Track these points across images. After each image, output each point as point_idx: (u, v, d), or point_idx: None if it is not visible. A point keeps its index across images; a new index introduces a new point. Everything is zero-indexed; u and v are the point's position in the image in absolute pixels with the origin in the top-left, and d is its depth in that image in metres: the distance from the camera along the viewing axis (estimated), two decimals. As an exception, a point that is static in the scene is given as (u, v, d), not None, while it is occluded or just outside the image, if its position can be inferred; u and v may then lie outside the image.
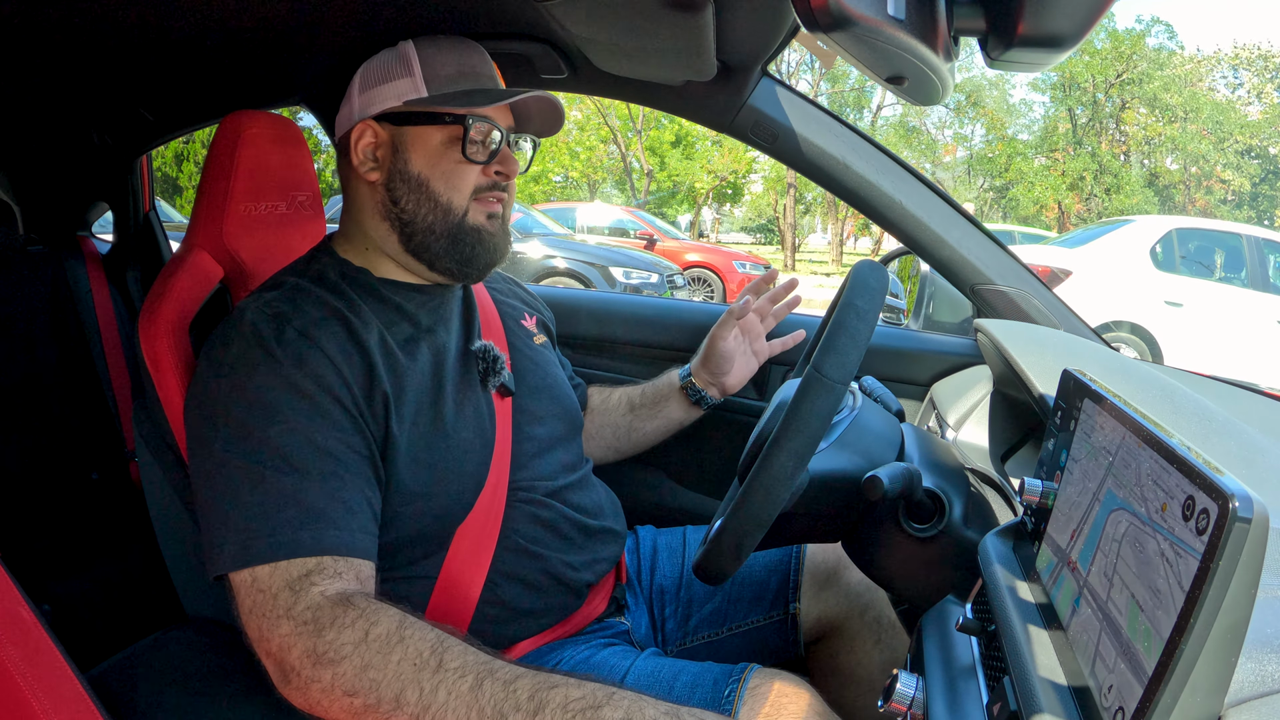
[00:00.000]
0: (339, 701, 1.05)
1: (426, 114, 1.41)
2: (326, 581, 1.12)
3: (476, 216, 1.43)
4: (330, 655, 1.06)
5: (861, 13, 0.72)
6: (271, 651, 1.10)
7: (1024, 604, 0.93)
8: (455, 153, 1.41)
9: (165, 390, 1.41)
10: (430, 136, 1.42)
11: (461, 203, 1.42)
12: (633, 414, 1.89)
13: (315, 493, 1.17)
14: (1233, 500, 0.60)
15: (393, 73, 1.44)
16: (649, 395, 1.89)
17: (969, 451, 1.60)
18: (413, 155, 1.42)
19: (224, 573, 1.14)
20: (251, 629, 1.12)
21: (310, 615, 1.08)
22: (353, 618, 1.08)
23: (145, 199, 3.09)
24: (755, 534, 1.09)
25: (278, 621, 1.09)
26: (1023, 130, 35.14)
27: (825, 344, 1.09)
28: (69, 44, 1.77)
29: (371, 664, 1.05)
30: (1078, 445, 0.94)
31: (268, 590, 1.11)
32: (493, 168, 1.43)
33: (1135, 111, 32.58)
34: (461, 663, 1.05)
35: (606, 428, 1.89)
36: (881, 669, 1.53)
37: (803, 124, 1.91)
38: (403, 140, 1.43)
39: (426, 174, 1.41)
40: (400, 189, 1.43)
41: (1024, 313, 1.92)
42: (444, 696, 1.02)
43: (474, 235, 1.43)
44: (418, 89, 1.42)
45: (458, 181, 1.41)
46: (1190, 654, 0.62)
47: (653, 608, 1.68)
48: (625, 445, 1.91)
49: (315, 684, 1.06)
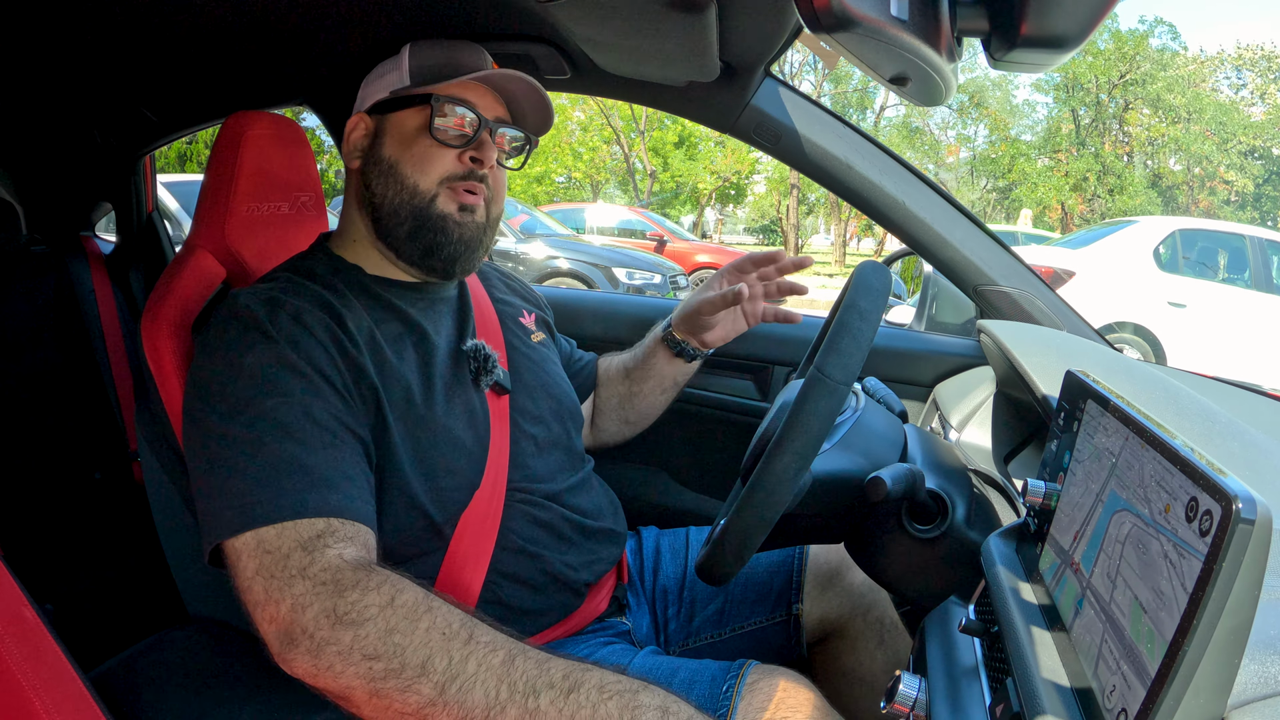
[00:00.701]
0: (355, 666, 1.00)
1: (404, 99, 1.43)
2: (340, 545, 1.10)
3: (446, 205, 1.42)
4: (353, 616, 1.02)
5: (864, 13, 0.72)
6: (280, 614, 1.05)
7: (1027, 605, 0.93)
8: (427, 136, 1.41)
9: (167, 390, 1.41)
10: (406, 121, 1.43)
11: (429, 186, 1.41)
12: (629, 379, 1.87)
13: (316, 459, 1.16)
14: (1236, 501, 0.60)
15: (386, 68, 1.48)
16: (638, 356, 1.87)
17: (972, 452, 1.60)
18: (388, 140, 1.44)
19: (223, 539, 1.11)
20: (256, 591, 1.07)
21: (329, 576, 1.05)
22: (377, 581, 1.05)
23: (148, 199, 3.10)
24: (758, 535, 1.09)
25: (290, 581, 1.05)
26: (1026, 131, 35.15)
27: (828, 345, 1.09)
28: (72, 43, 1.77)
29: (397, 628, 1.01)
30: (1081, 446, 0.94)
31: (277, 551, 1.08)
32: (467, 153, 1.42)
33: (1138, 112, 32.58)
34: (492, 638, 1.03)
35: (613, 398, 1.88)
36: (884, 670, 1.53)
37: (806, 125, 1.91)
38: (383, 127, 1.45)
39: (397, 156, 1.42)
40: (372, 173, 1.44)
41: (1027, 314, 1.92)
42: (473, 667, 0.99)
43: (438, 223, 1.42)
44: (402, 79, 1.44)
45: (427, 165, 1.41)
46: (1193, 656, 0.62)
47: (655, 608, 1.68)
48: (632, 414, 1.89)
49: (331, 646, 1.01)
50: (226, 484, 1.13)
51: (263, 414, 1.16)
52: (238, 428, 1.16)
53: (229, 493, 1.12)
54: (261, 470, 1.13)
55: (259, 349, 1.22)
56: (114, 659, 1.39)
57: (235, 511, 1.11)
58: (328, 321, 1.29)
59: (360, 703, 1.02)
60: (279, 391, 1.18)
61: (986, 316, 1.96)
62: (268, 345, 1.22)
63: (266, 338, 1.23)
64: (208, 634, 1.48)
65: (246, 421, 1.16)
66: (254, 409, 1.17)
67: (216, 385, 1.20)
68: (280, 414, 1.17)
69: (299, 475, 1.13)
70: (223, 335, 1.25)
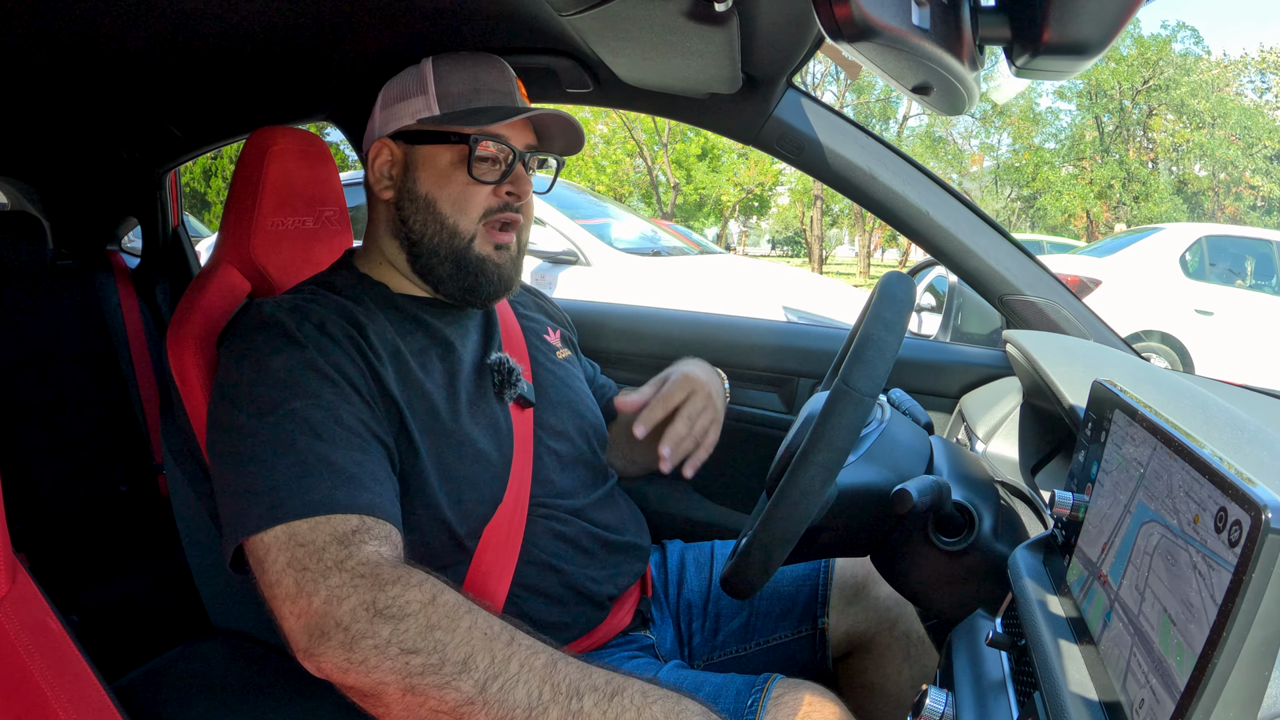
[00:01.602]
0: (392, 660, 0.99)
1: (436, 133, 1.41)
2: (376, 542, 1.09)
3: (484, 246, 1.42)
4: (393, 610, 1.01)
5: (886, 23, 0.72)
6: (312, 607, 1.03)
7: (1054, 618, 0.92)
8: (463, 173, 1.40)
9: (192, 403, 1.42)
10: (439, 156, 1.42)
11: (469, 227, 1.41)
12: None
13: (345, 459, 1.15)
14: (1265, 511, 0.59)
15: (409, 91, 1.45)
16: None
17: (999, 464, 1.59)
18: (422, 175, 1.42)
19: (250, 534, 1.10)
20: (286, 584, 1.06)
21: (368, 570, 1.04)
22: (419, 579, 1.04)
23: (174, 214, 3.13)
24: (783, 548, 1.08)
25: (326, 573, 1.04)
26: (1050, 139, 34.96)
27: (853, 356, 1.08)
28: (98, 61, 1.79)
29: (439, 625, 1.00)
30: (1109, 457, 0.94)
31: (311, 544, 1.07)
32: (504, 188, 1.42)
33: (1162, 118, 32.39)
34: (533, 642, 1.03)
35: (622, 436, 1.83)
36: (910, 684, 1.52)
37: (829, 135, 1.91)
38: (414, 159, 1.43)
39: (434, 194, 1.41)
40: (409, 208, 1.43)
41: (1053, 323, 1.90)
42: (516, 667, 0.99)
43: (478, 265, 1.42)
44: (430, 107, 1.43)
45: (465, 204, 1.41)
46: (1223, 668, 0.61)
47: (680, 622, 1.67)
48: (639, 458, 1.80)
49: (367, 640, 1.00)
50: (255, 480, 1.13)
51: (291, 414, 1.16)
52: (266, 426, 1.16)
53: (257, 489, 1.12)
54: (292, 466, 1.12)
55: (286, 353, 1.22)
56: (138, 670, 1.40)
57: (265, 506, 1.10)
58: (351, 331, 1.29)
59: (391, 700, 1.00)
60: (307, 393, 1.19)
61: (1012, 327, 1.95)
62: (295, 349, 1.23)
63: (293, 342, 1.23)
64: (231, 646, 1.49)
65: (275, 421, 1.16)
66: (283, 409, 1.17)
67: (244, 387, 1.20)
68: (308, 414, 1.17)
69: (329, 473, 1.13)
70: (250, 341, 1.25)
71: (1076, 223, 32.58)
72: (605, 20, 1.39)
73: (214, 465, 1.21)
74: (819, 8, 0.72)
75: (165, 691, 1.34)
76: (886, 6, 0.72)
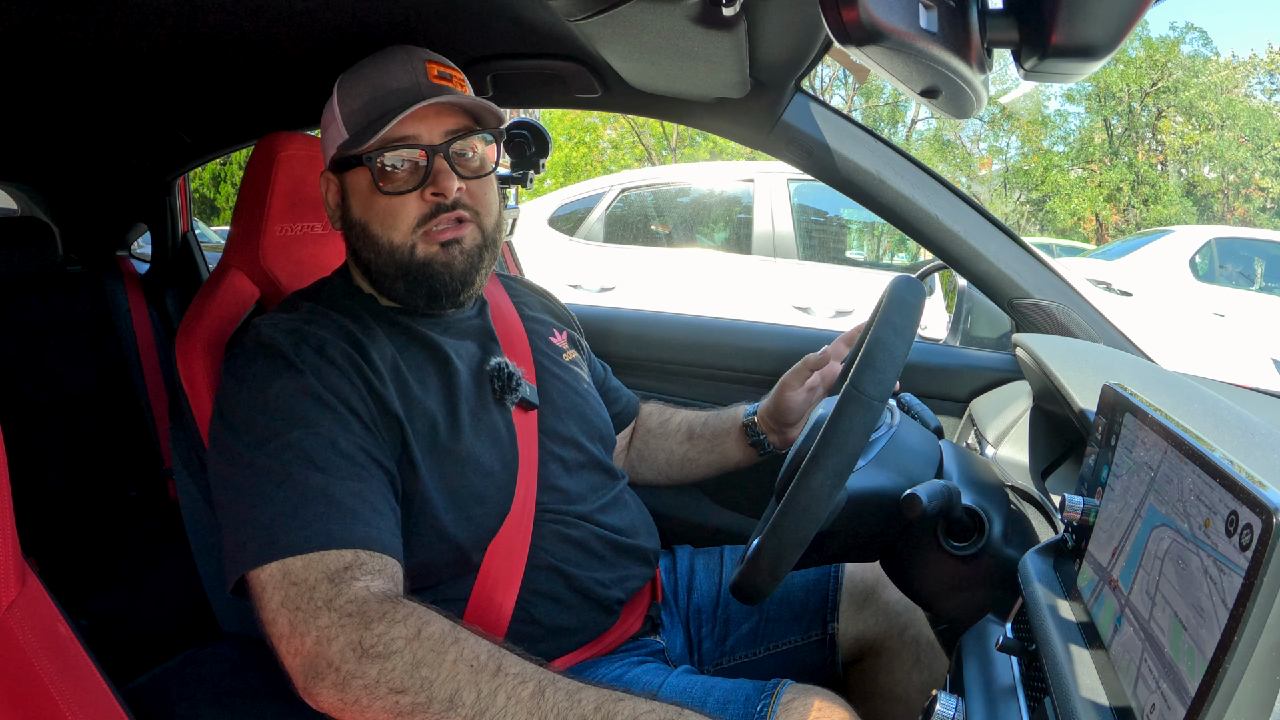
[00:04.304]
0: (382, 700, 1.01)
1: (349, 159, 1.39)
2: (367, 577, 1.10)
3: (427, 248, 1.38)
4: (379, 649, 1.02)
5: (894, 26, 0.72)
6: (305, 647, 1.05)
7: (1065, 623, 0.92)
8: (379, 193, 1.37)
9: (200, 409, 1.42)
10: (359, 180, 1.40)
11: (403, 240, 1.38)
12: (690, 443, 1.84)
13: (342, 491, 1.16)
14: (1277, 515, 0.59)
15: (327, 118, 1.45)
16: (710, 426, 1.83)
17: (1009, 468, 1.58)
18: (353, 202, 1.42)
19: (247, 570, 1.12)
20: (280, 624, 1.08)
21: (355, 608, 1.05)
22: (404, 614, 1.05)
23: (183, 220, 3.13)
24: (793, 553, 1.08)
25: (316, 613, 1.06)
26: (1058, 142, 34.84)
27: (862, 361, 1.08)
28: (107, 67, 1.79)
29: (425, 661, 1.02)
30: (1119, 461, 0.93)
31: (303, 583, 1.08)
32: (426, 191, 1.37)
33: (1171, 120, 32.25)
34: (520, 669, 1.03)
35: (661, 453, 1.86)
36: (920, 690, 1.51)
37: (837, 139, 1.90)
38: (346, 188, 1.43)
39: (365, 219, 1.40)
40: (351, 236, 1.44)
41: (1063, 327, 1.90)
42: (503, 700, 1.00)
43: (425, 270, 1.39)
44: (341, 132, 1.41)
45: (392, 220, 1.37)
46: (1234, 673, 0.61)
47: (689, 627, 1.67)
48: (676, 474, 1.87)
49: (357, 680, 1.02)
50: (252, 514, 1.14)
51: (289, 445, 1.17)
52: (263, 458, 1.16)
53: (254, 523, 1.13)
54: (288, 500, 1.13)
55: (284, 379, 1.23)
56: (147, 675, 1.40)
57: (261, 542, 1.11)
58: (351, 353, 1.30)
59: None
60: (305, 423, 1.19)
61: (1022, 330, 1.94)
62: (293, 375, 1.23)
63: (291, 368, 1.24)
64: (241, 650, 1.49)
65: (272, 451, 1.17)
66: (280, 440, 1.17)
67: (243, 414, 1.21)
68: (306, 445, 1.17)
69: (325, 506, 1.13)
70: (249, 365, 1.26)
71: (1086, 226, 32.48)
72: (613, 25, 1.39)
73: (214, 489, 1.23)
74: (827, 11, 0.72)
75: (174, 696, 1.34)
76: (894, 10, 0.71)
